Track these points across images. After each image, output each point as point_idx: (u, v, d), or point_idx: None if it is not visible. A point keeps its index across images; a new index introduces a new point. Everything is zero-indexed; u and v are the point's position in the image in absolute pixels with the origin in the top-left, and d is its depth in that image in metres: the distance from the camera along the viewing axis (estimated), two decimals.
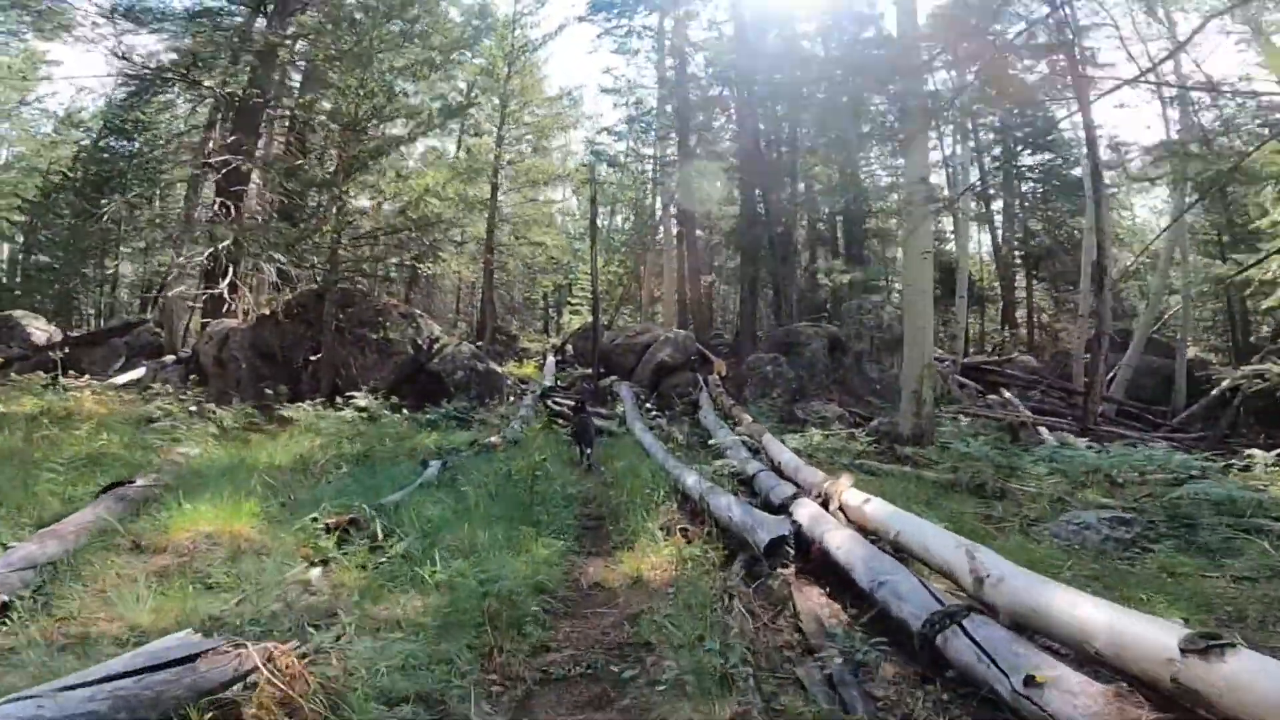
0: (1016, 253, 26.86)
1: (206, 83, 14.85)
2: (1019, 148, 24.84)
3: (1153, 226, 29.57)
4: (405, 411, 10.91)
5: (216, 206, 13.45)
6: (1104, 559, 4.27)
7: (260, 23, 16.02)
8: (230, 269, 13.39)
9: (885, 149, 24.31)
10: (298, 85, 15.71)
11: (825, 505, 4.75)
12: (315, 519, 4.25)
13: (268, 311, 12.63)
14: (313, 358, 12.04)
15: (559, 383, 16.78)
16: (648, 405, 13.60)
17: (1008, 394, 16.60)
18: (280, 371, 12.37)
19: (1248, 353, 18.19)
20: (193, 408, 9.92)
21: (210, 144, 15.24)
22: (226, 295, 12.73)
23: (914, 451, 9.18)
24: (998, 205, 28.05)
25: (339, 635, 2.65)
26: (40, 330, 18.08)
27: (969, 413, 14.24)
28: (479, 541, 4.07)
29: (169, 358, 14.71)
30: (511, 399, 13.22)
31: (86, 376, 13.26)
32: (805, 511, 4.46)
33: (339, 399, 10.72)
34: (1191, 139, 19.64)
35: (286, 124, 17.19)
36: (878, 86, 10.36)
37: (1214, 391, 14.47)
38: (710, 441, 8.18)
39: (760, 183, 16.66)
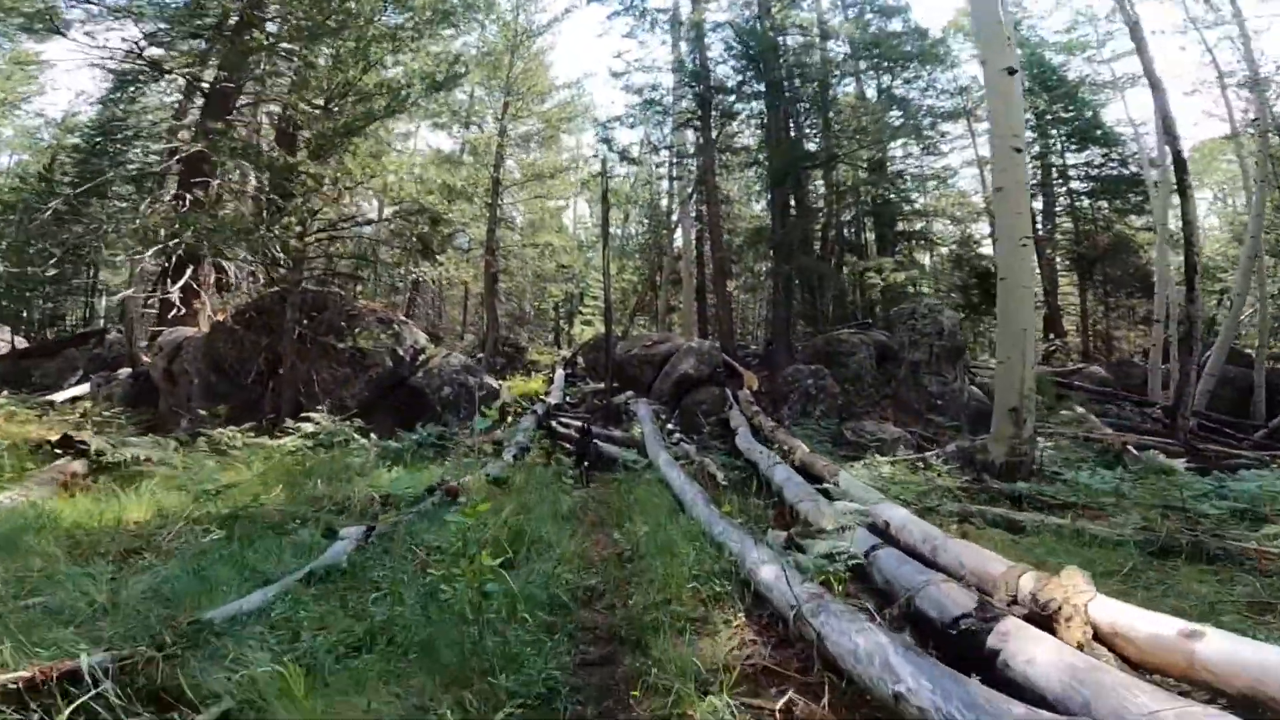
0: (1058, 254, 24.37)
1: (168, 65, 12.91)
2: (1068, 141, 22.45)
3: (1203, 227, 27.05)
4: (374, 436, 8.72)
5: (177, 200, 11.41)
6: None
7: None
8: (187, 269, 11.33)
9: (918, 145, 22.10)
10: (274, 69, 13.74)
11: (1042, 621, 2.46)
12: None
13: (222, 317, 10.51)
14: (278, 370, 9.88)
15: (568, 399, 14.54)
16: (669, 426, 11.29)
17: (1079, 408, 14.10)
18: (237, 387, 10.25)
19: None
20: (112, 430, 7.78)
21: (179, 134, 13.30)
22: (177, 299, 10.61)
23: (1029, 488, 6.82)
24: (1036, 204, 25.59)
25: None
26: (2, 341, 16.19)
27: (1048, 432, 11.83)
28: None
29: (124, 371, 12.64)
30: (510, 419, 10.97)
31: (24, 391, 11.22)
32: (1035, 652, 2.15)
33: (306, 418, 8.58)
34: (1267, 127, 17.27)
35: (275, 114, 15.34)
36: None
37: None
38: (772, 483, 5.81)
39: (792, 175, 14.40)
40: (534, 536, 4.22)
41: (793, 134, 14.76)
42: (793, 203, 14.37)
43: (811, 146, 15.92)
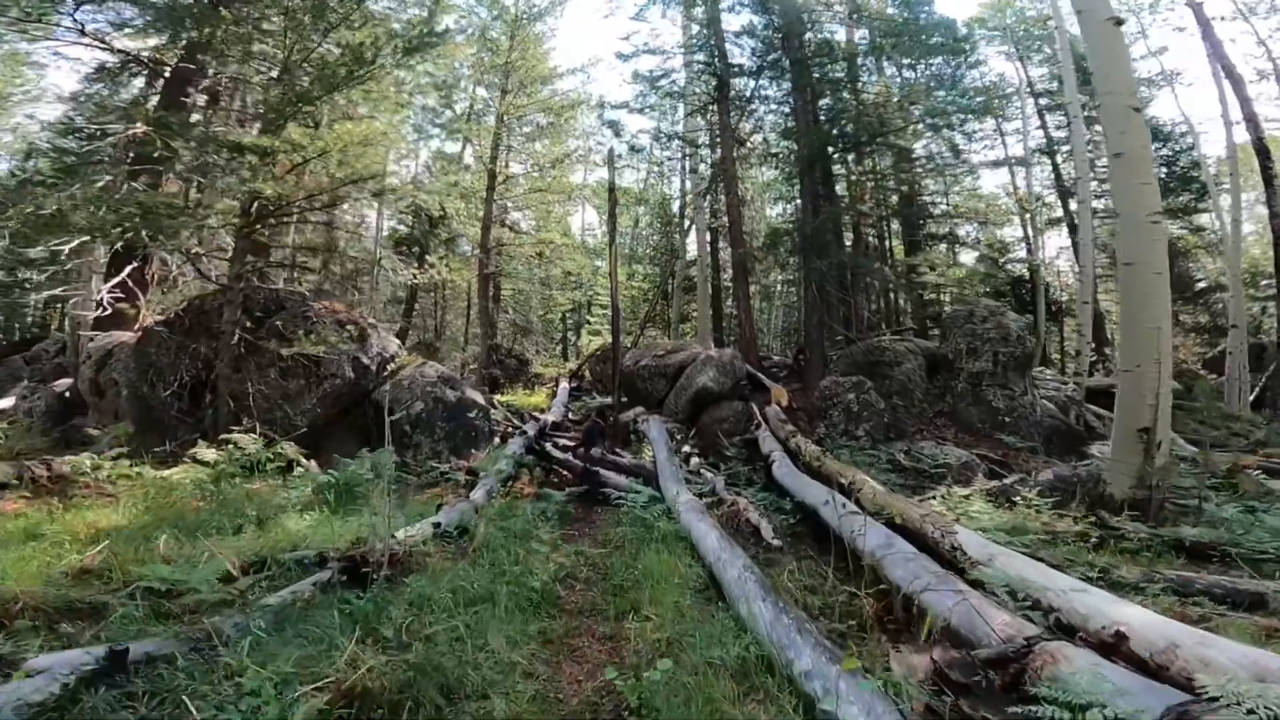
0: (1099, 255, 22.22)
1: (121, 44, 11.25)
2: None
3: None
4: (337, 458, 6.87)
5: (111, 186, 9.68)
6: None
7: None
8: (127, 264, 9.59)
9: (944, 139, 20.14)
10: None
11: None
12: None
13: (155, 319, 8.71)
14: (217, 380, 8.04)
15: (569, 415, 12.60)
16: (685, 448, 9.32)
17: None
18: (171, 400, 8.41)
19: None
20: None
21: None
22: (106, 298, 8.85)
23: (1197, 533, 4.84)
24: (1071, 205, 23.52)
25: None
26: None
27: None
28: None
29: (63, 382, 10.87)
30: (499, 439, 9.05)
31: None
32: None
33: (225, 441, 6.72)
34: None
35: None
36: None
37: None
38: (858, 549, 3.77)
39: (821, 163, 12.50)
40: (459, 674, 2.26)
41: (822, 119, 12.87)
42: (823, 193, 12.44)
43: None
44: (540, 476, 8.18)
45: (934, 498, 6.93)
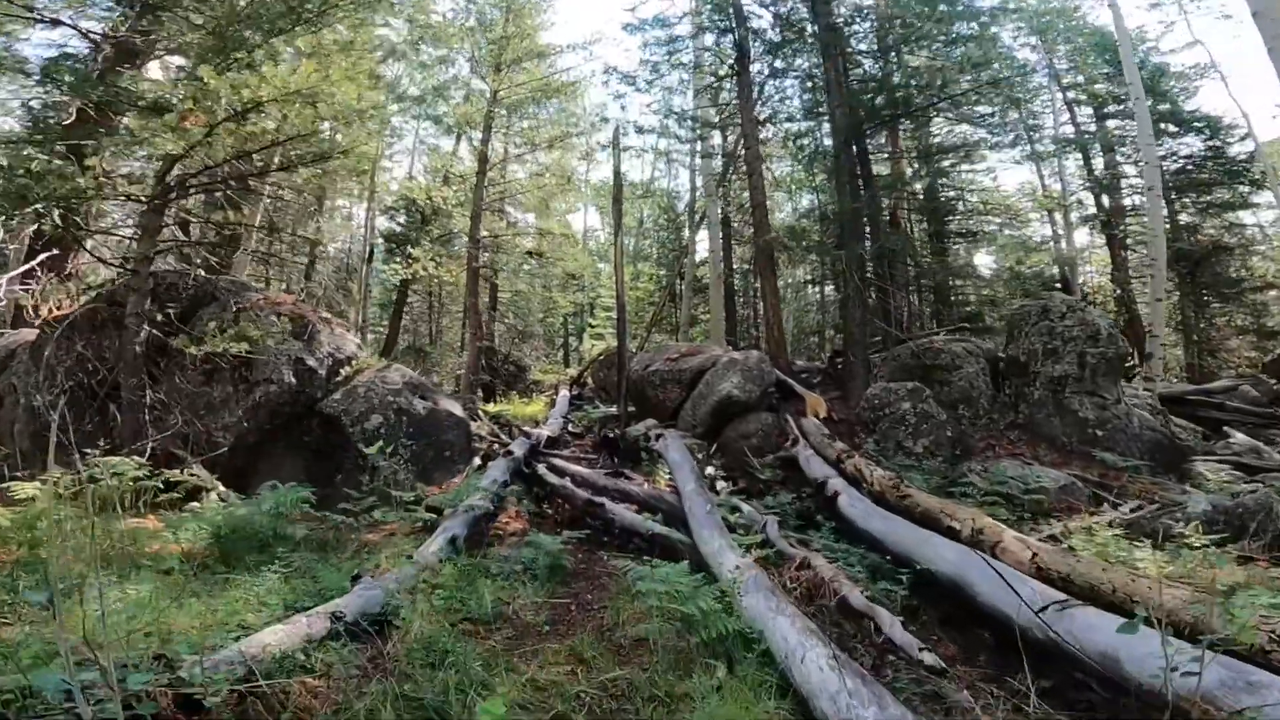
0: (1137, 253, 20.41)
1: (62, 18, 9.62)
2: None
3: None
4: (237, 495, 5.11)
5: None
6: None
7: None
8: (42, 250, 7.88)
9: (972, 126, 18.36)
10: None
11: None
12: None
13: (58, 313, 6.96)
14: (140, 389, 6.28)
15: (569, 428, 10.82)
16: (709, 470, 7.52)
17: (1239, 434, 10.19)
18: (79, 411, 6.67)
19: None
20: None
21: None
22: (3, 291, 7.12)
23: None
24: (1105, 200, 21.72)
25: None
26: None
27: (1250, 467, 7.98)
28: None
29: None
30: (479, 460, 7.24)
31: None
32: None
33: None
34: None
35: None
36: None
37: None
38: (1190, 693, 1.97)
39: (858, 140, 10.76)
40: None
41: (855, 85, 11.13)
42: (860, 173, 10.68)
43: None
44: (530, 507, 6.40)
45: (1052, 535, 5.13)
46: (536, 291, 21.95)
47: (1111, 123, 22.27)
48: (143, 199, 6.24)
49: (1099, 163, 22.08)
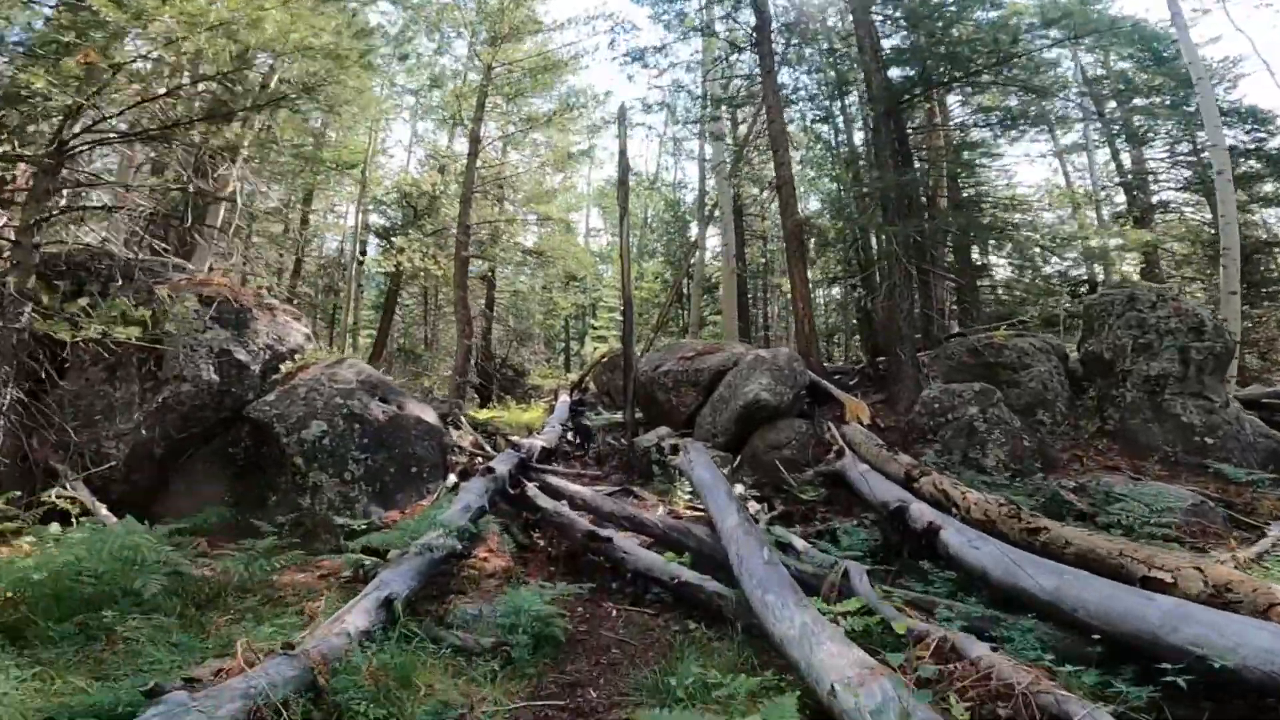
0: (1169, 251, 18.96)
1: None
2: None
3: None
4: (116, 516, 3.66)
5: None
6: None
7: None
8: None
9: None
10: None
11: None
12: None
13: None
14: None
15: (568, 435, 9.39)
16: (739, 489, 6.05)
17: None
18: None
19: None
20: None
21: None
22: None
23: None
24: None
25: None
26: None
27: None
28: None
29: None
30: (455, 478, 5.79)
31: None
32: None
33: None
34: None
35: None
36: None
37: None
38: None
39: (896, 115, 9.38)
40: None
41: (888, 51, 9.77)
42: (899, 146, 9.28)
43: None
44: (517, 538, 4.95)
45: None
46: (536, 292, 20.57)
47: (1137, 119, 20.95)
48: (29, 157, 4.85)
49: (1126, 159, 20.72)
